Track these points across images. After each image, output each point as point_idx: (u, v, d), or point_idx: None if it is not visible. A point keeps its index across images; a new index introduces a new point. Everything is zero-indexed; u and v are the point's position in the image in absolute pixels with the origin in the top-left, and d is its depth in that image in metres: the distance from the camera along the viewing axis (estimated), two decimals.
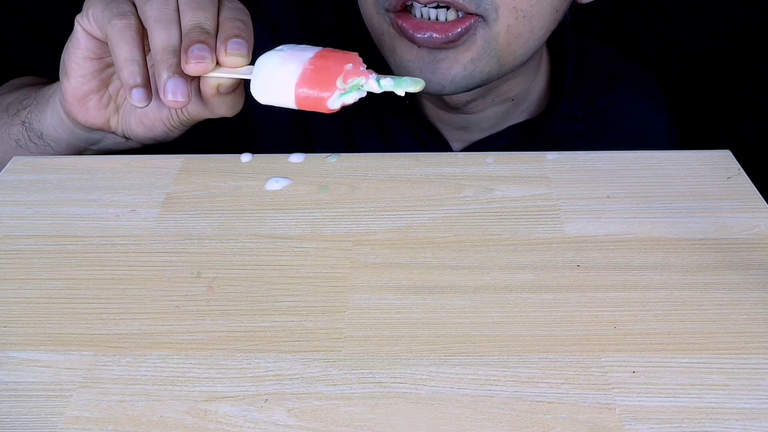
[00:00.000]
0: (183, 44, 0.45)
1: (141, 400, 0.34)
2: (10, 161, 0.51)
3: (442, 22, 0.53)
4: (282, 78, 0.43)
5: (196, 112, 0.50)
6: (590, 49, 0.70)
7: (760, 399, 0.33)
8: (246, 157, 0.50)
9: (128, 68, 0.45)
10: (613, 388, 0.34)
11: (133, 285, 0.40)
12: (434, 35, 0.53)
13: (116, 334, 0.37)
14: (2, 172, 0.50)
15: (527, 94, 0.66)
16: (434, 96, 0.64)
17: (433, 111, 0.66)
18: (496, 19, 0.53)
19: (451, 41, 0.53)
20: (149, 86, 0.46)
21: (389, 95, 0.56)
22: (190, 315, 0.38)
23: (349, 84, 0.42)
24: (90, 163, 0.51)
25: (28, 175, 0.49)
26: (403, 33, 0.54)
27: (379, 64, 0.56)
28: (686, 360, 0.35)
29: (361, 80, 0.42)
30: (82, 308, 0.39)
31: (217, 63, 0.45)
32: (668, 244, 0.42)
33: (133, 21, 0.46)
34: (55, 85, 0.54)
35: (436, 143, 0.66)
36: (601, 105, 0.69)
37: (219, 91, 0.47)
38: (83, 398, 0.34)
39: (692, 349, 0.36)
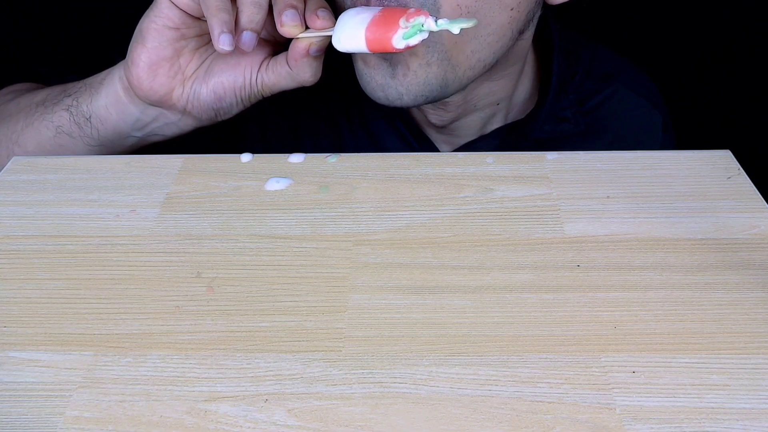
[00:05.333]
0: (277, 6, 0.51)
1: (141, 400, 0.34)
2: (10, 161, 0.51)
3: None
4: (355, 25, 0.50)
5: (274, 80, 0.54)
6: (581, 48, 0.70)
7: (760, 399, 0.33)
8: (246, 157, 0.50)
9: (219, 15, 0.49)
10: (613, 388, 0.34)
11: (133, 285, 0.40)
12: None
13: (116, 334, 0.37)
14: (2, 172, 0.50)
15: (513, 97, 0.66)
16: (419, 114, 0.64)
17: (420, 115, 0.66)
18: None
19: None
20: (234, 35, 0.50)
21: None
22: (190, 315, 0.38)
23: (411, 23, 0.48)
24: (90, 163, 0.51)
25: (28, 175, 0.49)
26: None
27: (354, 82, 0.58)
28: (686, 360, 0.35)
29: (422, 19, 0.48)
30: (82, 308, 0.39)
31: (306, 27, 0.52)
32: (668, 244, 0.42)
33: None
34: (107, 70, 0.58)
35: (424, 147, 0.66)
36: (592, 104, 0.68)
37: (309, 52, 0.52)
38: (83, 398, 0.34)
39: (692, 349, 0.36)
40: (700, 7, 1.07)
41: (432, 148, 0.67)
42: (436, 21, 0.48)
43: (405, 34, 0.48)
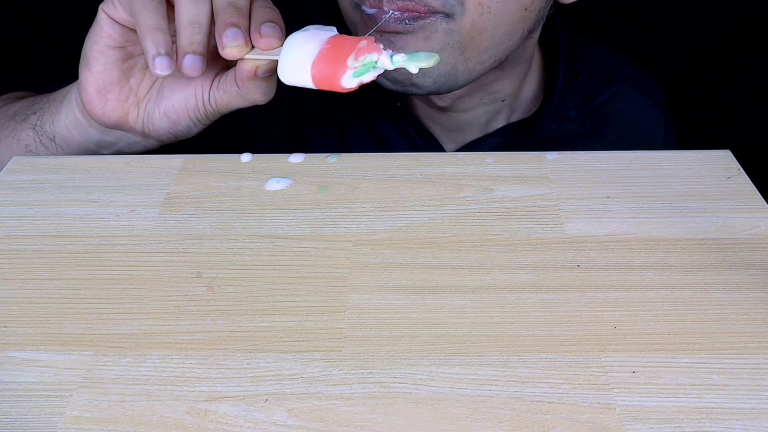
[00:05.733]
0: (216, 26, 0.46)
1: (141, 400, 0.34)
2: (10, 161, 0.51)
3: (402, 4, 0.52)
4: (301, 57, 0.44)
5: (226, 100, 0.50)
6: (585, 49, 0.70)
7: (760, 399, 0.33)
8: (246, 157, 0.50)
9: (152, 35, 0.45)
10: (613, 388, 0.34)
11: (133, 285, 0.40)
12: (394, 13, 0.52)
13: (116, 334, 0.37)
14: (2, 172, 0.50)
15: (518, 94, 0.66)
16: (422, 96, 0.64)
17: (424, 111, 0.66)
18: (462, 14, 0.52)
19: (407, 27, 0.52)
20: (173, 55, 0.46)
21: (381, 96, 0.56)
22: (190, 315, 0.38)
23: (361, 61, 0.42)
24: (90, 163, 0.51)
25: (28, 175, 0.49)
26: (370, 22, 0.54)
27: None
28: (686, 360, 0.35)
29: (374, 56, 0.43)
30: (82, 308, 0.39)
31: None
32: (668, 244, 0.42)
33: None
34: (68, 87, 0.54)
35: (429, 144, 0.66)
36: (595, 104, 0.69)
37: (257, 74, 0.47)
38: (83, 398, 0.34)
39: (692, 349, 0.36)
40: (700, 7, 1.07)
41: (437, 146, 0.67)
42: (391, 57, 0.43)
43: (355, 73, 0.43)
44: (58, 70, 0.53)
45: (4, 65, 1.11)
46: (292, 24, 0.67)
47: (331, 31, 0.45)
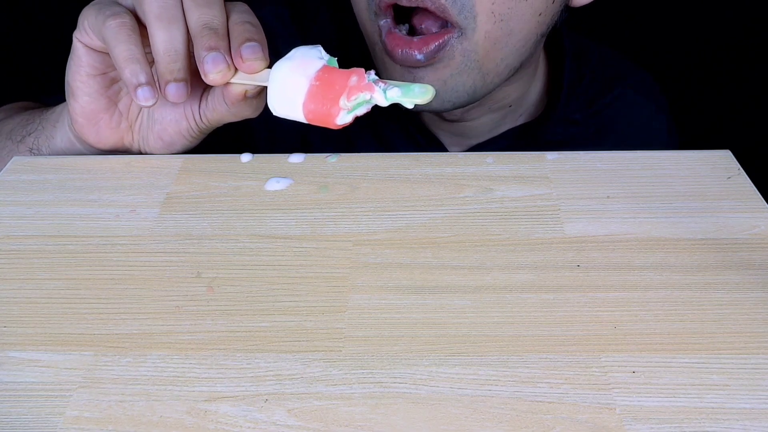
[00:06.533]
0: (195, 52, 0.45)
1: (141, 400, 0.34)
2: (10, 161, 0.51)
3: (420, 38, 0.53)
4: (291, 93, 0.43)
5: (217, 117, 0.49)
6: (589, 51, 0.70)
7: (760, 399, 0.33)
8: (246, 157, 0.50)
9: (129, 67, 0.44)
10: (613, 388, 0.34)
11: (133, 285, 0.40)
12: (411, 53, 0.52)
13: (116, 334, 0.37)
14: (2, 172, 0.50)
15: (524, 99, 0.66)
16: (431, 114, 0.64)
17: (430, 117, 0.66)
18: (474, 29, 0.52)
19: (428, 61, 0.53)
20: (154, 83, 0.45)
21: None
22: (190, 315, 0.38)
23: (354, 101, 0.42)
24: (90, 163, 0.51)
25: (28, 175, 0.49)
26: (385, 50, 0.55)
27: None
28: (686, 360, 0.35)
29: (366, 96, 0.42)
30: (82, 308, 0.39)
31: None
32: (668, 244, 0.42)
33: (127, 19, 0.45)
34: (59, 108, 0.53)
35: (435, 149, 0.66)
36: (599, 107, 0.69)
37: (246, 96, 0.47)
38: (83, 398, 0.34)
39: (692, 349, 0.36)
40: (701, 7, 1.07)
41: (443, 150, 0.67)
42: (385, 93, 0.42)
43: (348, 111, 0.43)
44: (58, 70, 0.52)
45: (4, 65, 1.11)
46: (295, 27, 0.68)
47: (319, 55, 0.44)
